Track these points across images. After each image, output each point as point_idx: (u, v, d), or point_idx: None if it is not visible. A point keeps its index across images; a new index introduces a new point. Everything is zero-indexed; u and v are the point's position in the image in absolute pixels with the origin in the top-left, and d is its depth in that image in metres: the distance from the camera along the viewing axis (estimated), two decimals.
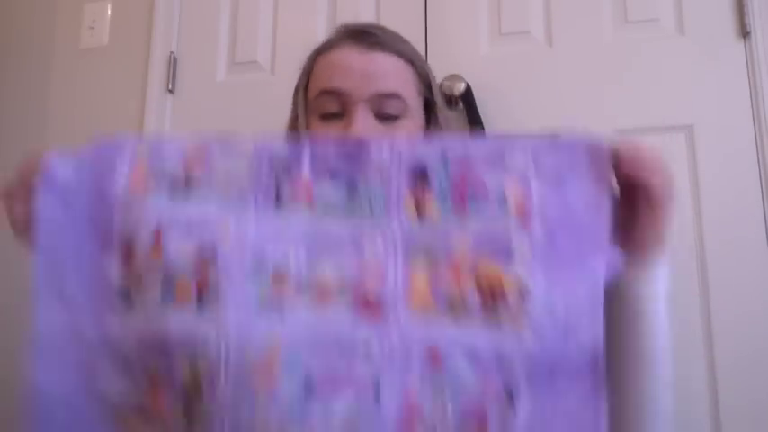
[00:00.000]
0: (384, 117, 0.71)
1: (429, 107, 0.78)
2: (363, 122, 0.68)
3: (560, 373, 0.50)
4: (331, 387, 0.47)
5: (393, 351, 0.48)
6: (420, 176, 0.53)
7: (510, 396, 0.49)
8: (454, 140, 0.56)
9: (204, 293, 0.49)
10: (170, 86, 1.30)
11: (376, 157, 0.53)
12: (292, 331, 0.48)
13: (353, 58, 0.72)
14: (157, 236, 0.51)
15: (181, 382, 0.48)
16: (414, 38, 0.80)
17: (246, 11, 1.31)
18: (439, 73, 1.09)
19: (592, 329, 0.50)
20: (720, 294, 1.01)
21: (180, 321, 0.49)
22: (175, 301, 0.49)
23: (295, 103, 0.78)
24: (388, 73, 0.73)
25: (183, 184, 0.53)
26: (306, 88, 0.77)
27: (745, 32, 1.08)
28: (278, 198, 0.52)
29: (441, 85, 1.09)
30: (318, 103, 0.73)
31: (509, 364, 0.49)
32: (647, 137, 1.09)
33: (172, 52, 1.32)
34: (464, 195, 0.52)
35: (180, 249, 0.50)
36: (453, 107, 1.11)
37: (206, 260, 0.49)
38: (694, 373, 0.99)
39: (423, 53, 0.94)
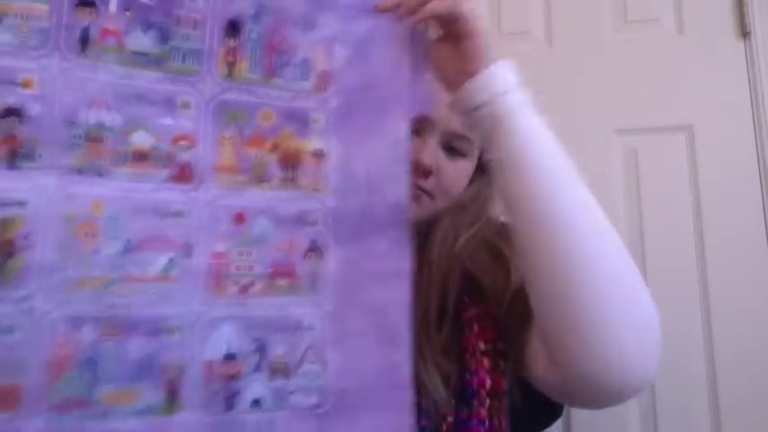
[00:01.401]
0: (450, 150, 0.65)
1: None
2: (433, 150, 0.64)
3: (367, 227, 0.56)
4: (148, 246, 0.50)
5: (202, 217, 0.52)
6: (233, 29, 0.54)
7: (318, 250, 0.55)
8: None
9: (17, 154, 0.48)
10: None
11: (190, 2, 0.53)
12: (112, 195, 0.50)
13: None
14: None
15: None
16: None
17: None
18: None
19: (395, 188, 0.56)
20: (720, 294, 1.01)
21: None
22: None
23: None
24: None
25: None
26: None
27: (745, 32, 1.08)
28: (83, 39, 0.50)
29: None
30: None
31: (312, 223, 0.55)
32: (647, 137, 1.10)
33: None
34: (273, 55, 0.55)
35: None
36: None
37: (14, 119, 0.48)
38: (694, 371, 0.99)
39: None
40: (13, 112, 0.48)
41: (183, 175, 0.52)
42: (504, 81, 0.55)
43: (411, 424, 0.53)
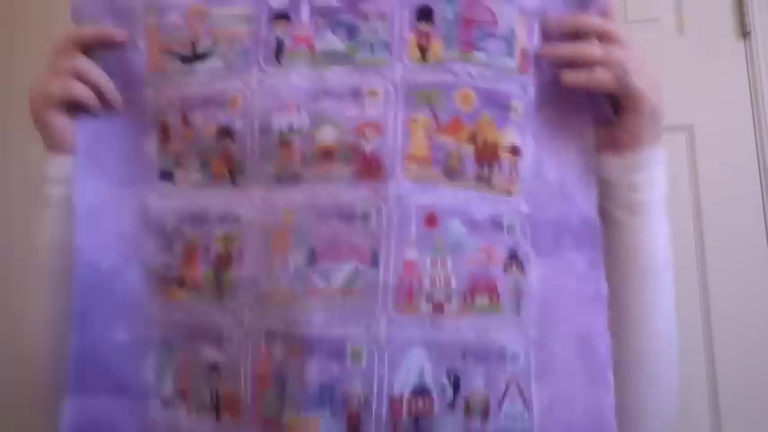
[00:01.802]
0: None
1: None
2: None
3: (565, 240, 0.49)
4: (330, 255, 0.46)
5: (391, 220, 0.46)
6: (425, 13, 0.50)
7: (519, 262, 0.47)
8: None
9: (233, 170, 0.50)
10: None
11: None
12: (300, 201, 0.48)
13: None
14: (184, 117, 0.51)
15: (216, 253, 0.49)
16: None
17: None
18: None
19: (588, 199, 0.49)
20: (720, 294, 1.01)
21: (218, 198, 0.50)
22: (213, 179, 0.50)
23: None
24: None
25: (191, 53, 0.52)
26: None
27: (745, 32, 1.08)
28: (279, 51, 0.51)
29: None
30: None
31: (509, 230, 0.48)
32: None
33: None
34: (470, 28, 0.49)
35: (205, 130, 0.50)
36: None
37: (227, 139, 0.50)
38: (694, 372, 0.99)
39: None
40: (225, 132, 0.50)
41: (370, 168, 0.47)
42: (649, 173, 0.51)
43: None
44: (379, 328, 0.45)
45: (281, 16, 0.51)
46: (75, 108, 0.53)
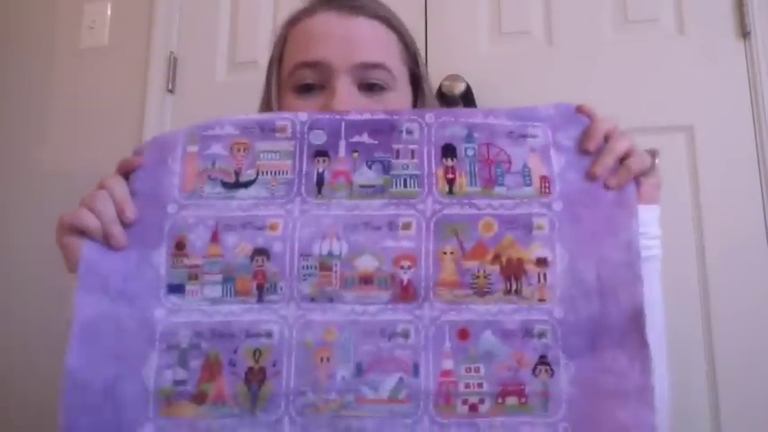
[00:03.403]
0: (368, 88, 0.66)
1: (415, 80, 0.72)
2: (346, 95, 0.63)
3: (602, 338, 0.52)
4: (377, 368, 0.52)
5: (428, 335, 0.53)
6: (449, 150, 0.57)
7: (548, 365, 0.52)
8: (476, 114, 0.59)
9: (263, 288, 0.54)
10: (170, 86, 1.30)
11: (407, 136, 0.57)
12: (342, 320, 0.53)
13: (333, 24, 0.66)
14: (215, 234, 0.55)
15: (245, 368, 0.53)
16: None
17: (246, 11, 1.31)
18: (439, 73, 1.09)
19: (631, 291, 0.52)
20: (720, 294, 1.01)
21: (243, 313, 0.54)
22: (237, 295, 0.54)
23: (268, 82, 0.72)
24: (373, 40, 0.67)
25: (234, 181, 0.57)
26: (279, 62, 0.70)
27: (745, 32, 1.08)
28: (319, 183, 0.56)
29: (440, 85, 1.10)
30: (295, 76, 0.66)
31: (540, 335, 0.53)
32: (647, 137, 1.09)
33: (172, 52, 1.32)
34: (490, 166, 0.56)
35: (238, 249, 0.55)
36: (454, 107, 1.11)
37: (263, 259, 0.55)
38: (694, 372, 0.99)
39: (423, 53, 0.94)
40: (261, 252, 0.55)
41: (407, 294, 0.54)
42: (653, 230, 0.58)
43: None
44: (423, 429, 0.51)
45: (322, 153, 0.57)
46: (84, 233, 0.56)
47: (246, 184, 0.57)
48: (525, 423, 0.51)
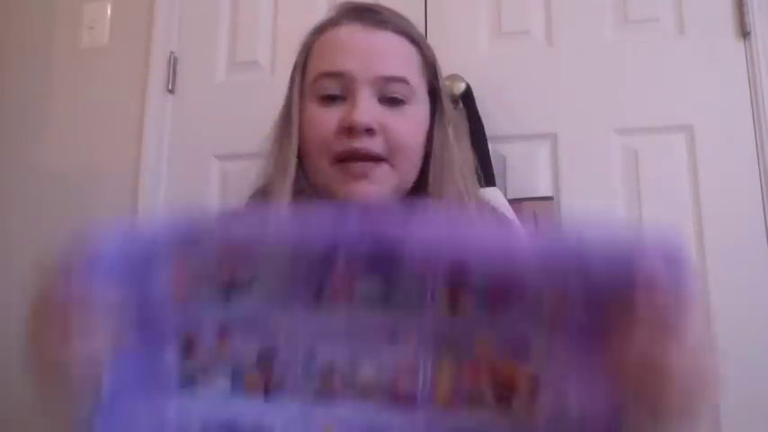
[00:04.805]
0: (389, 101, 0.66)
1: (434, 94, 0.74)
2: (367, 107, 0.64)
3: None
4: None
5: None
6: (458, 272, 0.53)
7: None
8: (496, 237, 0.55)
9: (269, 386, 0.56)
10: (170, 86, 1.30)
11: (412, 255, 0.54)
12: (342, 419, 0.55)
13: (358, 37, 0.67)
14: (222, 334, 0.56)
15: None
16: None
17: (246, 11, 1.31)
18: None
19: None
20: (720, 294, 1.01)
21: (249, 409, 0.56)
22: (244, 392, 0.56)
23: (290, 88, 0.72)
24: (395, 54, 0.68)
25: (230, 286, 0.57)
26: (303, 69, 0.71)
27: (745, 32, 1.08)
28: (319, 293, 0.56)
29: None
30: (318, 85, 0.67)
31: None
32: (647, 137, 1.10)
33: (172, 52, 1.32)
34: (503, 296, 0.53)
35: (246, 348, 0.56)
36: (453, 107, 1.11)
37: (269, 359, 0.56)
38: None
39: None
40: (269, 351, 0.56)
41: (405, 402, 0.55)
42: None
43: None
44: None
45: (322, 261, 0.56)
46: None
47: (244, 286, 0.57)
48: None
